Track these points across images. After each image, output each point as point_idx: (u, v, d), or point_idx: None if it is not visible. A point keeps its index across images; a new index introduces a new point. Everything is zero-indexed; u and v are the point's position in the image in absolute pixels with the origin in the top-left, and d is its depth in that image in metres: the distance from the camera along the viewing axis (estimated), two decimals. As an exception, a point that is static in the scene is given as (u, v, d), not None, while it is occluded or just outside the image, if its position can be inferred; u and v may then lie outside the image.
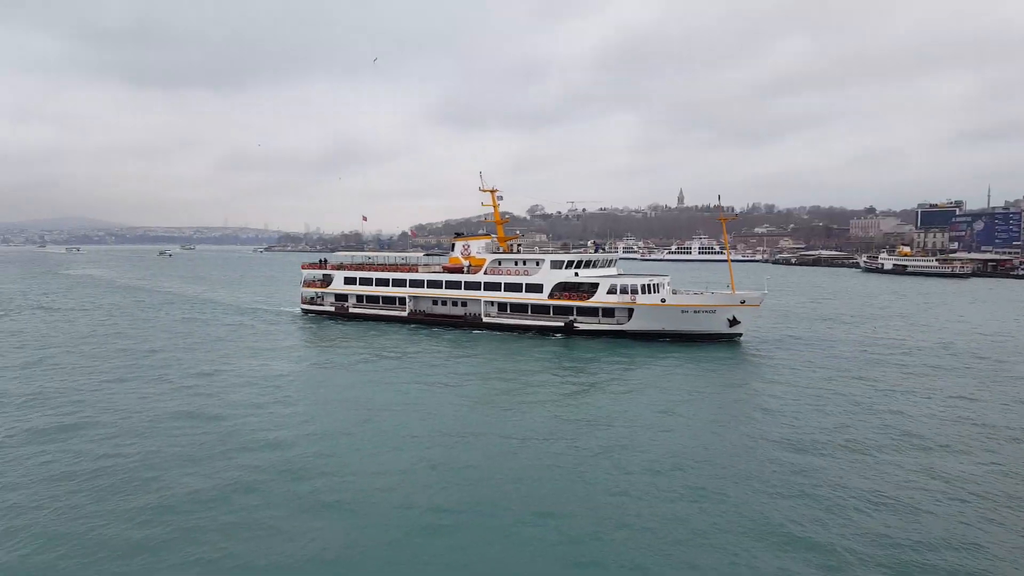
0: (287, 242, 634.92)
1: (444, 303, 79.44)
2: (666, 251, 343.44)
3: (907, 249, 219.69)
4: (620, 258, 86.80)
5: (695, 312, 65.74)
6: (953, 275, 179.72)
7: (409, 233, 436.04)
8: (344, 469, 29.99)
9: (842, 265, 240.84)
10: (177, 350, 60.82)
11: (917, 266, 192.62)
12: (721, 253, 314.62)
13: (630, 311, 67.24)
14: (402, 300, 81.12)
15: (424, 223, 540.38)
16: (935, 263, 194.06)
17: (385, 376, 50.71)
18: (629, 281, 68.45)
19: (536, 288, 72.30)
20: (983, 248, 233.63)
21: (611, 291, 68.00)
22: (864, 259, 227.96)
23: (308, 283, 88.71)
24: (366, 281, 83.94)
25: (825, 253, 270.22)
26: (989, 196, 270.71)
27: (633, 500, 26.79)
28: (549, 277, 72.05)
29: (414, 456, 31.83)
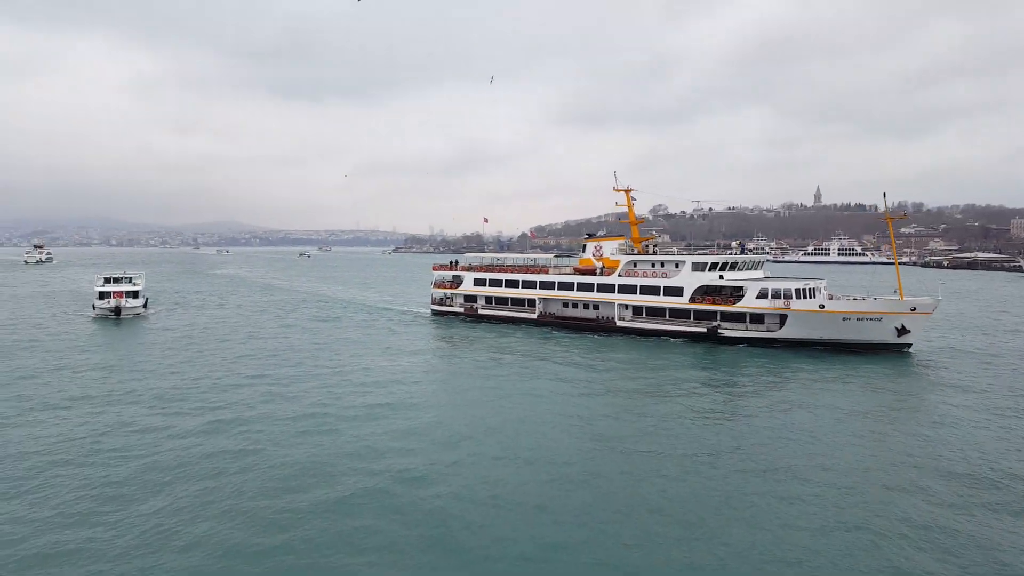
0: (412, 244, 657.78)
1: (575, 305, 76.88)
2: (801, 252, 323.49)
3: None
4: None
5: (858, 320, 59.43)
6: None
7: (528, 234, 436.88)
8: (469, 481, 28.23)
9: (1001, 268, 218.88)
10: (312, 348, 62.09)
11: None
12: (863, 255, 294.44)
13: (782, 317, 61.82)
14: (531, 302, 79.28)
15: (543, 224, 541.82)
16: None
17: (514, 381, 48.73)
18: (782, 285, 63.01)
19: (676, 291, 68.15)
20: None
21: (761, 295, 62.87)
22: None
23: (438, 284, 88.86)
24: (495, 283, 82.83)
25: (982, 255, 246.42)
26: None
27: (798, 533, 23.18)
28: (690, 280, 67.65)
29: (543, 471, 29.46)
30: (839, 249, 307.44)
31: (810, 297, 61.64)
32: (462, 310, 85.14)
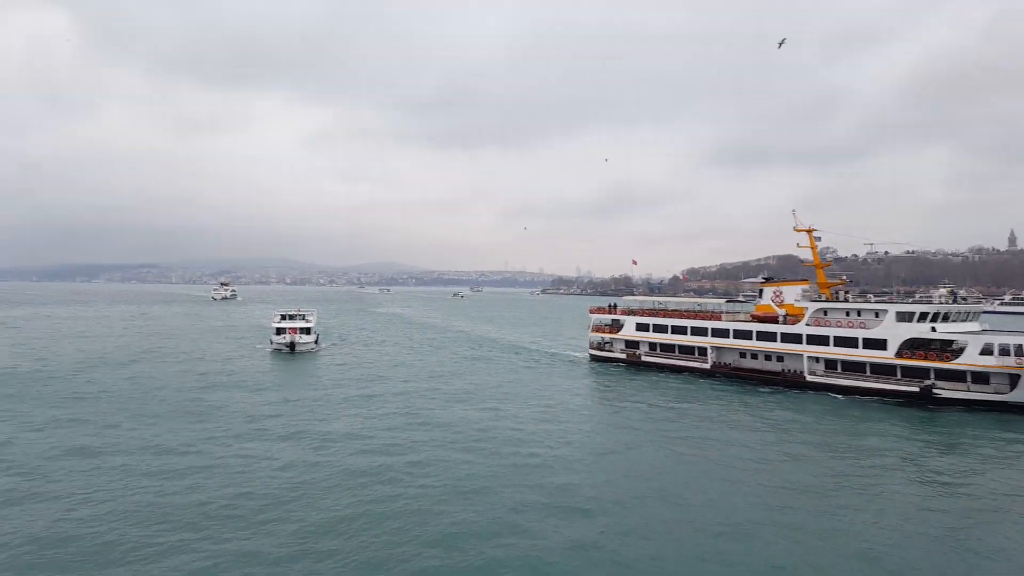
0: (560, 285, 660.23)
1: (755, 356, 69.95)
2: (997, 302, 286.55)
3: None
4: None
5: None
6: None
7: (680, 277, 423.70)
8: (639, 554, 25.55)
9: None
10: (470, 390, 60.98)
11: None
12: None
13: (1013, 378, 52.61)
14: (702, 350, 73.35)
15: (696, 267, 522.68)
16: None
17: (684, 438, 44.33)
18: (1011, 339, 53.74)
19: (877, 344, 59.86)
20: None
21: (986, 351, 53.85)
22: None
23: (596, 328, 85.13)
24: (661, 328, 77.63)
25: None
26: None
27: None
28: (895, 331, 59.19)
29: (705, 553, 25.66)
30: None
31: None
32: (623, 356, 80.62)
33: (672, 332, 76.26)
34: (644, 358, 78.43)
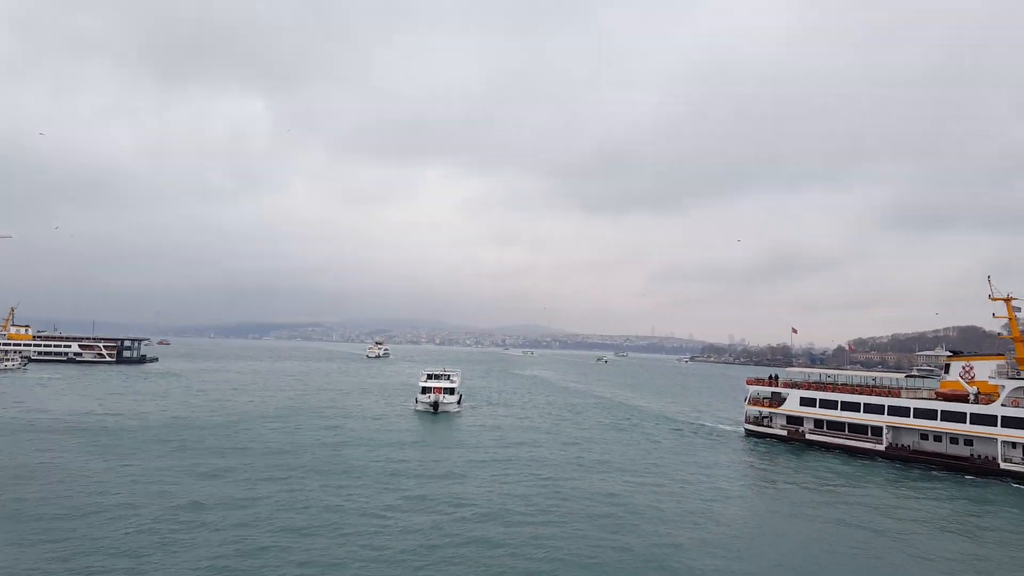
0: (710, 352, 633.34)
1: (939, 439, 61.69)
2: None
3: None
4: None
5: None
6: None
7: (846, 347, 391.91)
8: None
9: None
10: (611, 460, 58.24)
11: None
12: None
13: None
14: (876, 430, 65.63)
15: (864, 337, 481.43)
16: None
17: (848, 528, 39.49)
18: None
19: None
20: None
21: None
22: None
23: (754, 401, 79.01)
24: (828, 404, 70.50)
25: None
26: None
27: None
28: None
29: None
30: None
31: None
32: (784, 432, 73.87)
33: (842, 408, 69.10)
34: (808, 436, 71.36)
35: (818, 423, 71.32)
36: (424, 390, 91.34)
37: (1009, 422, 56.13)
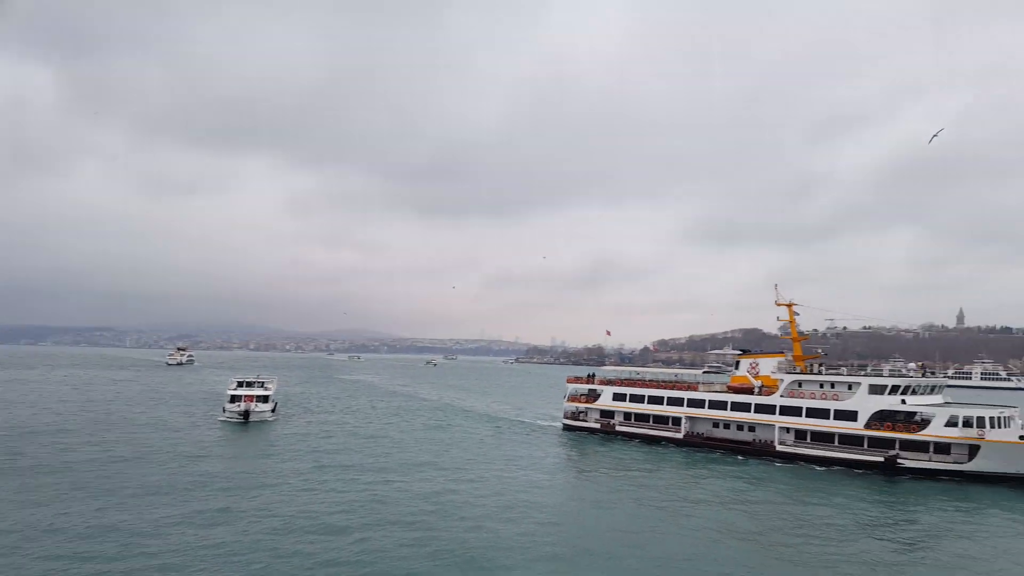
0: (534, 354, 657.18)
1: (728, 426, 68.53)
2: (941, 375, 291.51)
3: None
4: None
5: None
6: None
7: (651, 348, 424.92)
8: None
9: None
10: (437, 458, 58.05)
11: None
12: (1009, 380, 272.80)
13: (972, 448, 54.02)
14: (676, 420, 71.44)
15: (667, 338, 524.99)
16: None
17: (658, 510, 42.93)
18: (974, 412, 55.26)
19: (848, 415, 59.99)
20: None
21: (951, 423, 55.22)
22: None
23: (573, 398, 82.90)
24: (637, 398, 75.83)
25: None
26: None
27: None
28: (866, 403, 59.56)
29: None
30: (982, 373, 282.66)
31: (1005, 426, 54.28)
32: (598, 425, 78.22)
33: (649, 402, 74.74)
34: (618, 428, 76.32)
35: (627, 416, 76.25)
36: (233, 398, 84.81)
37: (785, 410, 63.73)
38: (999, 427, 53.77)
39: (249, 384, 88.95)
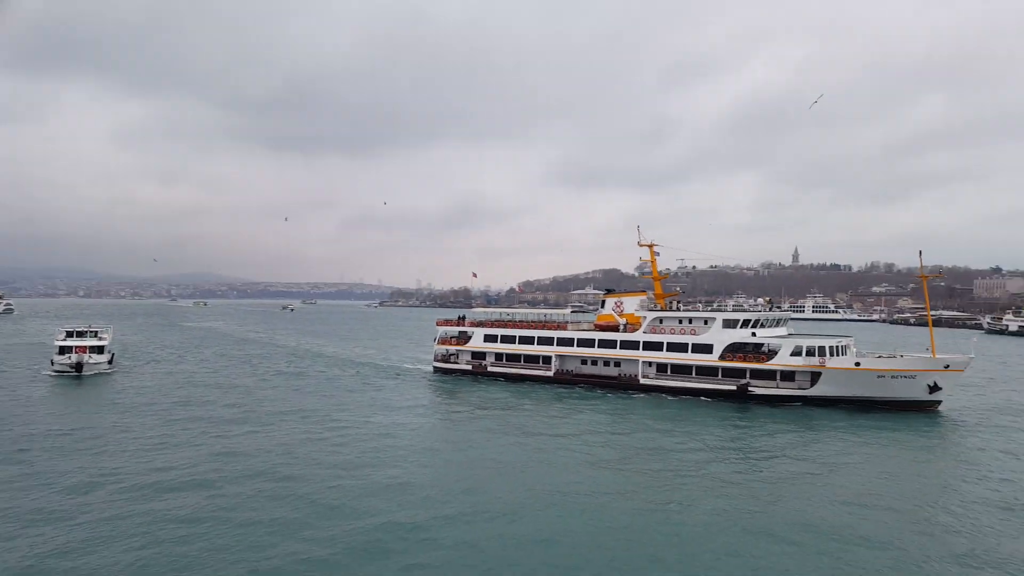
0: (399, 297, 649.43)
1: (595, 363, 70.46)
2: (733, 307, 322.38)
3: None
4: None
5: (892, 377, 57.04)
6: None
7: (516, 289, 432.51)
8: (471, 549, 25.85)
9: (963, 326, 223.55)
10: (299, 405, 54.97)
11: None
12: (836, 312, 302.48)
13: (814, 375, 59.03)
14: (547, 359, 72.48)
15: (531, 280, 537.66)
16: None
17: (528, 442, 43.78)
18: (816, 342, 60.33)
19: (705, 348, 63.54)
20: None
21: (796, 353, 59.93)
22: (988, 320, 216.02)
23: (443, 340, 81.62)
24: (508, 339, 75.95)
25: (947, 314, 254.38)
26: None
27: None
28: (721, 337, 63.33)
29: (543, 544, 26.35)
30: (813, 306, 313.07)
31: (842, 355, 59.49)
32: (469, 367, 77.75)
33: (520, 342, 75.13)
34: (490, 368, 76.34)
35: (498, 356, 76.35)
36: (63, 350, 75.82)
37: (648, 346, 66.47)
38: (837, 355, 58.74)
39: (80, 334, 79.78)
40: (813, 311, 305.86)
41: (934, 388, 56.27)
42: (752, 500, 31.69)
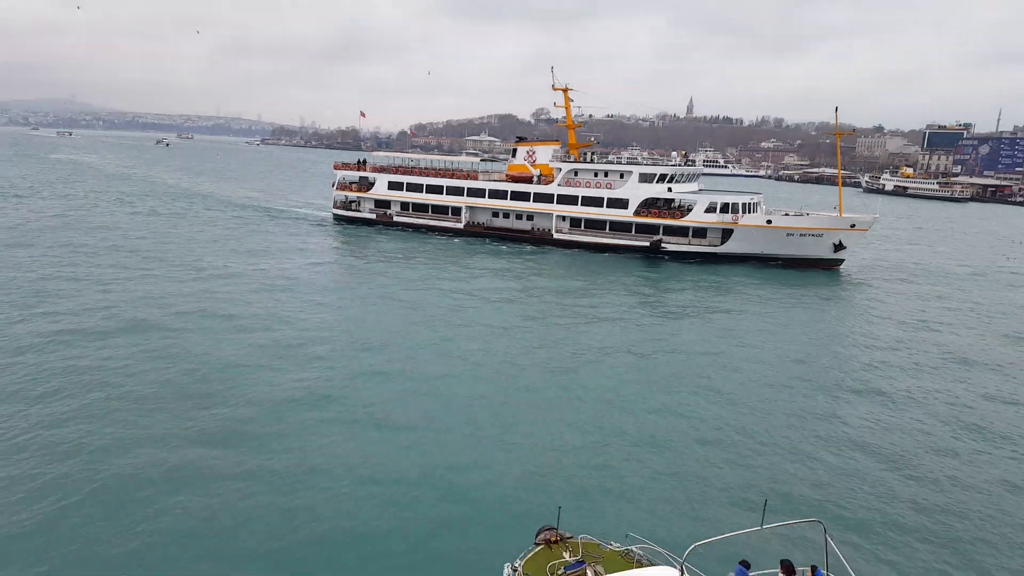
0: (281, 135, 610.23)
1: (507, 216, 68.85)
2: (648, 162, 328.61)
3: (909, 171, 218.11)
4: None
5: (800, 235, 59.34)
6: (952, 199, 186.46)
7: (408, 132, 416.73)
8: (367, 395, 25.65)
9: (844, 185, 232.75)
10: (186, 251, 51.17)
11: (917, 188, 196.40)
12: (725, 167, 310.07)
13: (725, 232, 60.33)
14: (456, 210, 70.01)
15: (424, 122, 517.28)
16: (935, 186, 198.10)
17: (433, 296, 42.95)
18: (729, 199, 61.10)
19: (620, 203, 63.04)
20: (985, 173, 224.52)
21: (710, 209, 60.63)
22: (866, 179, 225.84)
23: (343, 186, 76.81)
24: (415, 187, 72.27)
25: (828, 171, 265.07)
26: (999, 120, 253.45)
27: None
28: (636, 191, 62.71)
29: (446, 395, 26.08)
30: (704, 160, 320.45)
31: (753, 212, 60.51)
32: (373, 216, 74.34)
33: (427, 192, 71.71)
34: (396, 218, 73.34)
35: (405, 206, 73.12)
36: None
37: (562, 199, 65.13)
38: (749, 212, 59.84)
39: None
40: (704, 165, 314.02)
41: (839, 247, 58.93)
42: (658, 351, 33.05)
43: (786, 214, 60.97)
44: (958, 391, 29.35)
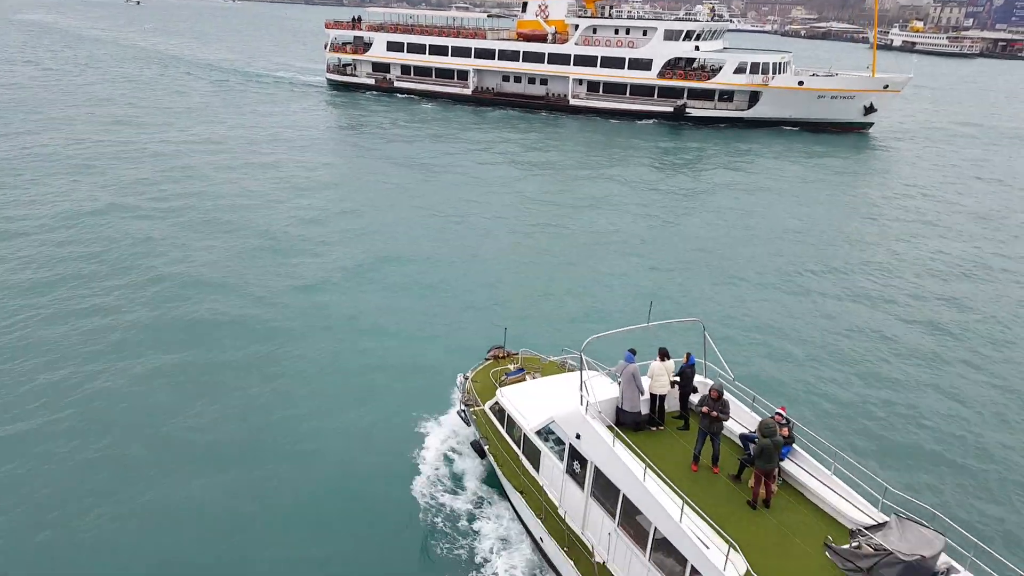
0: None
1: (519, 80, 63.06)
2: (672, 16, 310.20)
3: (919, 24, 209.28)
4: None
5: (832, 98, 54.99)
6: (960, 55, 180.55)
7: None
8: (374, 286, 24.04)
9: (852, 40, 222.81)
10: (165, 121, 47.43)
11: (926, 44, 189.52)
12: (730, 22, 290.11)
13: (753, 95, 55.65)
14: (463, 74, 64.10)
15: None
16: (945, 41, 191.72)
17: (439, 164, 40.57)
18: (760, 58, 55.50)
19: (643, 64, 57.49)
20: (998, 26, 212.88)
21: (739, 70, 55.23)
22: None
23: (336, 47, 69.87)
24: (417, 48, 65.57)
25: (836, 26, 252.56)
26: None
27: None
28: (661, 50, 57.02)
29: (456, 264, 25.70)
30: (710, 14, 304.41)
31: (784, 72, 55.66)
32: (371, 81, 68.32)
33: (431, 53, 65.13)
34: (397, 83, 67.33)
35: (405, 69, 67.02)
36: None
37: (580, 60, 59.32)
38: (780, 73, 54.90)
39: None
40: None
41: (869, 109, 54.74)
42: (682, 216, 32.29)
43: (814, 75, 56.13)
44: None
